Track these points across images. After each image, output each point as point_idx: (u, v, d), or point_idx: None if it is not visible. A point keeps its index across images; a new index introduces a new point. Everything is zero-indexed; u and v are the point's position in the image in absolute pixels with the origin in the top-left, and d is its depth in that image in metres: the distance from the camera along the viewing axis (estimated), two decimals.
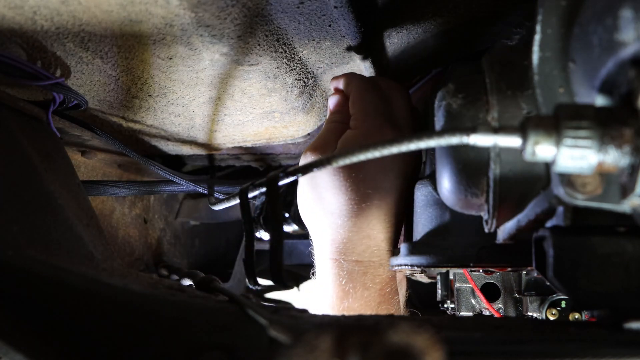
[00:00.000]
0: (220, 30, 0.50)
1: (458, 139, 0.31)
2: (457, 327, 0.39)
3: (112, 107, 0.66)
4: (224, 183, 0.82)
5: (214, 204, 0.67)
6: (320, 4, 0.52)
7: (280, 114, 0.68)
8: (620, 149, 0.28)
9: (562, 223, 0.35)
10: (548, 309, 0.65)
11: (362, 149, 0.35)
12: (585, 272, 0.34)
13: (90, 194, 0.76)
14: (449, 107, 0.43)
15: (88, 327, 0.29)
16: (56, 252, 0.42)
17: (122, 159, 0.86)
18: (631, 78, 0.27)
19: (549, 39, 0.34)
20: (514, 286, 0.66)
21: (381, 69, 0.70)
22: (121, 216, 0.92)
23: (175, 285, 0.39)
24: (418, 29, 0.65)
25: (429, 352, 0.21)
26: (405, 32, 0.66)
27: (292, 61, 0.60)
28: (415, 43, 0.70)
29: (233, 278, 1.11)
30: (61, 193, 0.48)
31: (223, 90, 0.62)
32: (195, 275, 0.90)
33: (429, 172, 0.59)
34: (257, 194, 0.44)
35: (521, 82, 0.40)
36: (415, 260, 0.54)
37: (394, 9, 0.60)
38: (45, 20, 0.48)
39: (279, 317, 0.34)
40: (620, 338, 0.33)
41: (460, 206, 0.44)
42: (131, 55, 0.55)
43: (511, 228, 0.41)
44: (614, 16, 0.27)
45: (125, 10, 0.47)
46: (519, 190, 0.39)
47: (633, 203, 0.29)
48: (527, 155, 0.30)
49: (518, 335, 0.35)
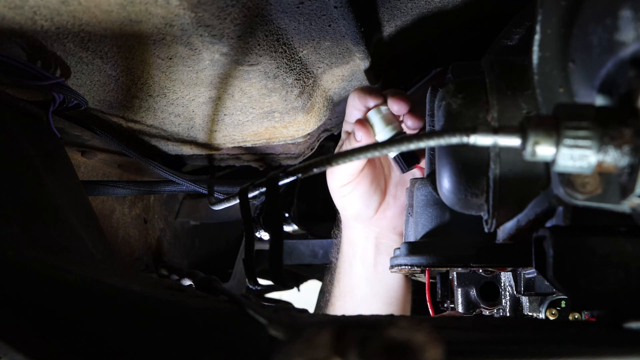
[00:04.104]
0: (220, 30, 0.50)
1: (458, 139, 0.31)
2: (457, 327, 0.39)
3: (112, 107, 0.66)
4: (224, 183, 0.82)
5: (214, 204, 0.67)
6: (320, 4, 0.52)
7: (280, 114, 0.68)
8: (619, 149, 0.28)
9: (562, 223, 0.35)
10: (548, 309, 0.65)
11: (363, 149, 0.35)
12: (585, 272, 0.34)
13: (90, 194, 0.76)
14: (449, 107, 0.43)
15: (88, 327, 0.29)
16: (56, 252, 0.42)
17: (122, 159, 0.86)
18: (631, 78, 0.27)
19: (549, 39, 0.34)
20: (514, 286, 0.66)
21: (381, 69, 0.70)
22: (121, 216, 0.92)
23: (175, 285, 0.39)
24: (418, 29, 0.65)
25: (428, 348, 0.21)
26: (405, 33, 0.66)
27: (292, 61, 0.60)
28: (415, 43, 0.70)
29: (233, 278, 1.11)
30: (61, 193, 0.48)
31: (223, 90, 0.62)
32: (195, 275, 0.90)
33: (429, 172, 0.59)
34: (257, 194, 0.44)
35: (521, 82, 0.40)
36: (415, 260, 0.54)
37: (394, 9, 0.60)
38: (45, 20, 0.48)
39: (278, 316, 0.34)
40: (620, 338, 0.33)
41: (460, 206, 0.44)
42: (131, 55, 0.55)
43: (511, 228, 0.41)
44: (614, 16, 0.27)
45: (125, 10, 0.47)
46: (519, 190, 0.39)
47: (633, 203, 0.29)
48: (527, 155, 0.30)
49: (518, 335, 0.35)
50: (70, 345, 0.28)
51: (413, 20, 0.63)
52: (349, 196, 0.71)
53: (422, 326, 0.22)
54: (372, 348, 0.21)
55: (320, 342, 0.22)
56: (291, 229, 1.10)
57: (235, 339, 0.31)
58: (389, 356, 0.21)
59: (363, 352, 0.22)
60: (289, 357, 0.23)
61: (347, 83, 0.72)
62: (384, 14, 0.60)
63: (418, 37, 0.68)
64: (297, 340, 0.23)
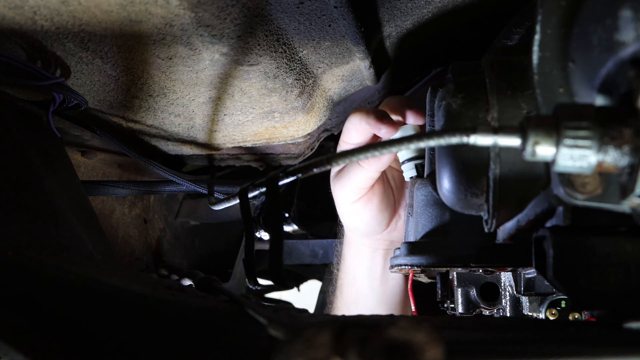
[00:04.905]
0: (220, 30, 0.50)
1: (458, 139, 0.31)
2: (457, 327, 0.39)
3: (112, 107, 0.66)
4: (224, 183, 0.82)
5: (214, 204, 0.67)
6: (320, 4, 0.52)
7: (280, 114, 0.68)
8: (619, 149, 0.28)
9: (562, 223, 0.35)
10: (548, 309, 0.65)
11: (363, 149, 0.35)
12: (585, 272, 0.34)
13: (90, 194, 0.76)
14: (449, 107, 0.43)
15: (88, 327, 0.29)
16: (56, 252, 0.42)
17: (122, 159, 0.86)
18: (631, 78, 0.27)
19: (549, 39, 0.34)
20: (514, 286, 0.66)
21: (381, 69, 0.70)
22: (121, 216, 0.92)
23: (175, 285, 0.39)
24: (418, 29, 0.65)
25: (428, 348, 0.21)
26: (405, 32, 0.66)
27: (292, 61, 0.60)
28: (415, 43, 0.70)
29: (233, 278, 1.11)
30: (61, 193, 0.48)
31: (223, 90, 0.62)
32: (195, 275, 0.90)
33: (429, 172, 0.59)
34: (257, 194, 0.44)
35: (521, 82, 0.40)
36: (415, 260, 0.54)
37: (394, 9, 0.60)
38: (45, 20, 0.48)
39: (278, 316, 0.34)
40: (620, 338, 0.33)
41: (460, 206, 0.44)
42: (131, 55, 0.55)
43: (511, 228, 0.41)
44: (614, 16, 0.27)
45: (125, 10, 0.47)
46: (519, 190, 0.39)
47: (632, 203, 0.29)
48: (527, 155, 0.30)
49: (518, 335, 0.35)
50: (70, 345, 0.28)
51: (413, 20, 0.63)
52: (360, 214, 0.68)
53: (422, 326, 0.22)
54: (372, 348, 0.21)
55: (320, 342, 0.22)
56: (291, 229, 1.10)
57: (235, 339, 0.31)
58: (389, 356, 0.21)
59: (363, 352, 0.22)
60: (289, 357, 0.23)
61: (347, 83, 0.72)
62: (384, 14, 0.60)
63: (418, 37, 0.68)
64: (297, 340, 0.23)
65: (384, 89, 0.80)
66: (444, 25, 0.66)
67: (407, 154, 0.64)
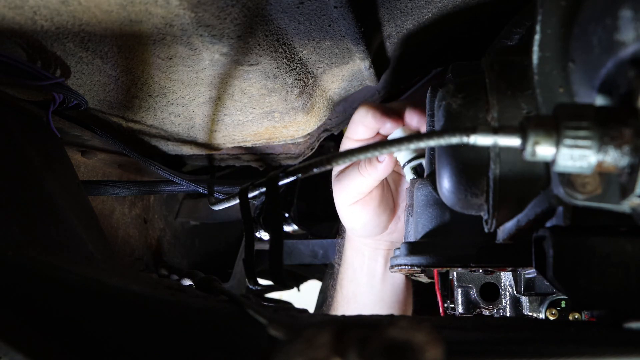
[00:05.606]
0: (220, 30, 0.50)
1: (458, 139, 0.31)
2: (457, 327, 0.39)
3: (112, 107, 0.66)
4: (224, 183, 0.82)
5: (214, 204, 0.67)
6: (320, 4, 0.52)
7: (280, 114, 0.68)
8: (619, 149, 0.28)
9: (562, 223, 0.35)
10: (548, 309, 0.65)
11: (363, 149, 0.35)
12: (585, 272, 0.34)
13: (90, 194, 0.76)
14: (449, 107, 0.43)
15: (88, 327, 0.29)
16: (56, 252, 0.42)
17: (122, 159, 0.86)
18: (631, 78, 0.27)
19: (549, 39, 0.34)
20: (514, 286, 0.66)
21: (381, 69, 0.70)
22: (121, 216, 0.92)
23: (175, 285, 0.39)
24: (418, 29, 0.65)
25: (428, 348, 0.21)
26: (405, 32, 0.66)
27: (292, 61, 0.60)
28: (415, 43, 0.70)
29: (233, 278, 1.11)
30: (61, 193, 0.48)
31: (223, 90, 0.62)
32: (195, 275, 0.90)
33: (429, 172, 0.59)
34: (257, 194, 0.44)
35: (521, 82, 0.40)
36: (415, 260, 0.54)
37: (394, 9, 0.60)
38: (45, 20, 0.48)
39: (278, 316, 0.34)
40: (619, 338, 0.33)
41: (460, 206, 0.44)
42: (131, 55, 0.55)
43: (511, 228, 0.41)
44: (614, 16, 0.27)
45: (125, 10, 0.47)
46: (519, 190, 0.39)
47: (632, 203, 0.29)
48: (527, 155, 0.30)
49: (518, 335, 0.35)
50: (70, 345, 0.28)
51: (413, 20, 0.63)
52: (357, 216, 0.69)
53: (422, 326, 0.22)
54: (372, 348, 0.21)
55: (320, 342, 0.22)
56: (291, 229, 1.10)
57: (235, 339, 0.31)
58: (389, 356, 0.21)
59: (363, 352, 0.22)
60: (289, 357, 0.23)
61: (347, 83, 0.72)
62: (384, 14, 0.60)
63: (418, 37, 0.68)
64: (297, 340, 0.23)
65: (384, 89, 0.80)
66: (444, 25, 0.66)
67: (407, 155, 0.64)
